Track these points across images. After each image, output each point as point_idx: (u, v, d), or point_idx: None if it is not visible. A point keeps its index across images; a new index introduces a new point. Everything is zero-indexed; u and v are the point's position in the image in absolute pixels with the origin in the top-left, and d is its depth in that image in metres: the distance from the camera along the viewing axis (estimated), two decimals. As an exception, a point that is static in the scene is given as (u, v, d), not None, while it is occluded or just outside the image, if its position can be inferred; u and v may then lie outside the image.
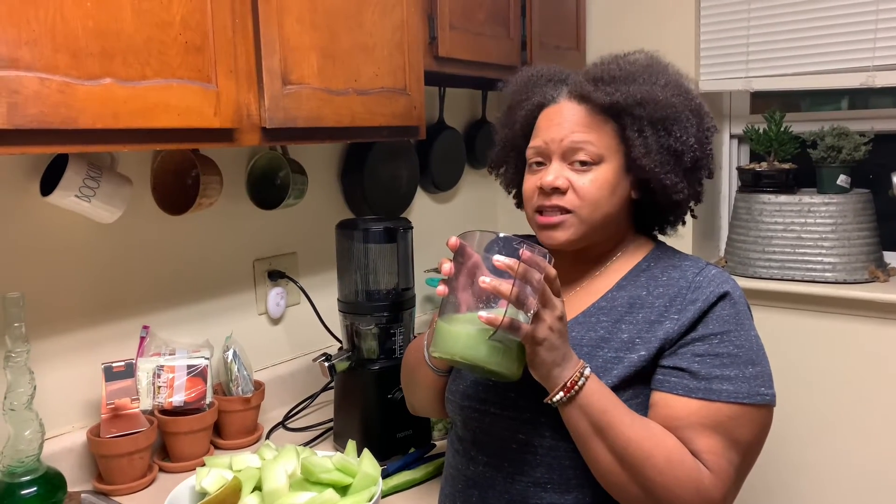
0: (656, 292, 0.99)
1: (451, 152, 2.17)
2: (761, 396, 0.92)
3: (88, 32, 0.96)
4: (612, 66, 1.02)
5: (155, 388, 1.38)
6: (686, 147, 0.99)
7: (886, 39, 1.84)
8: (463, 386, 1.05)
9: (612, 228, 1.04)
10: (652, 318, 0.97)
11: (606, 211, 1.00)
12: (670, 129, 0.99)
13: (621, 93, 0.98)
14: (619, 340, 0.97)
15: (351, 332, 1.43)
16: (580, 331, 1.00)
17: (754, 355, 0.94)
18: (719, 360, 0.93)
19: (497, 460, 1.00)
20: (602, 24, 2.20)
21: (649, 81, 1.00)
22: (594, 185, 0.99)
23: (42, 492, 1.14)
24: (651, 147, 0.98)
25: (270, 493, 1.07)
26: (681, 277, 0.99)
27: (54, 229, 1.32)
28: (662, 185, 1.00)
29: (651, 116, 0.98)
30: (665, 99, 0.98)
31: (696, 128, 1.01)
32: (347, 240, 1.42)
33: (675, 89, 1.01)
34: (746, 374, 0.92)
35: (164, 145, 1.12)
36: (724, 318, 0.94)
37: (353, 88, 1.36)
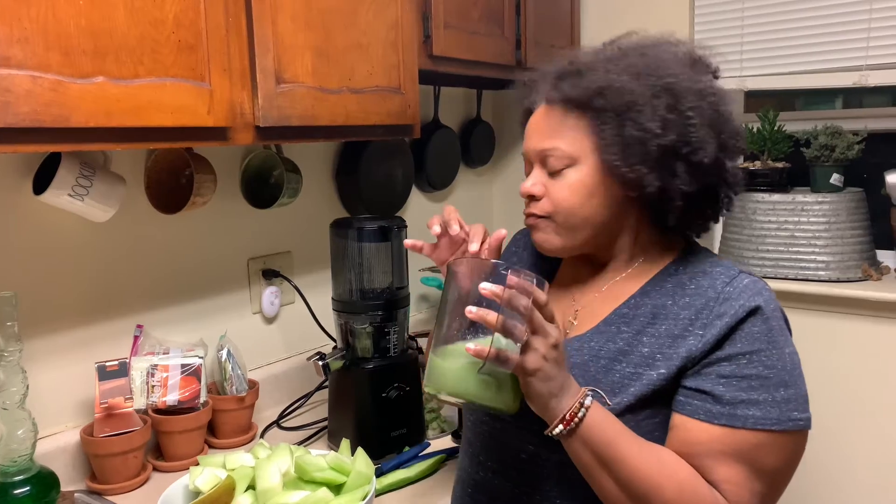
0: (682, 302, 0.91)
1: (446, 151, 2.17)
2: (793, 422, 0.84)
3: (81, 31, 0.96)
4: (570, 61, 0.96)
5: (149, 387, 1.38)
6: (648, 133, 0.88)
7: (879, 39, 1.85)
8: None
9: (614, 230, 0.96)
10: (675, 332, 0.89)
11: (586, 214, 0.93)
12: (628, 115, 0.89)
13: (577, 87, 0.92)
14: (639, 355, 0.90)
15: (345, 331, 1.43)
16: (599, 341, 0.94)
17: (787, 376, 0.85)
18: (747, 382, 0.84)
19: (505, 469, 0.97)
20: (596, 22, 2.20)
21: (604, 69, 0.92)
22: (566, 189, 0.93)
23: (35, 491, 1.14)
24: (608, 139, 0.90)
25: (264, 492, 1.07)
26: (709, 287, 0.90)
27: (47, 228, 1.31)
28: (627, 180, 0.90)
29: (611, 105, 0.90)
30: (622, 84, 0.89)
31: (667, 110, 0.88)
32: (341, 239, 1.42)
33: (636, 71, 0.91)
34: (777, 398, 0.84)
35: (157, 144, 1.11)
36: (755, 336, 0.86)
37: (347, 87, 1.35)
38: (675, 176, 0.89)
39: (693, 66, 0.94)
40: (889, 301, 1.79)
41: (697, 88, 0.90)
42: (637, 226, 0.97)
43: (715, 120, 0.90)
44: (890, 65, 1.84)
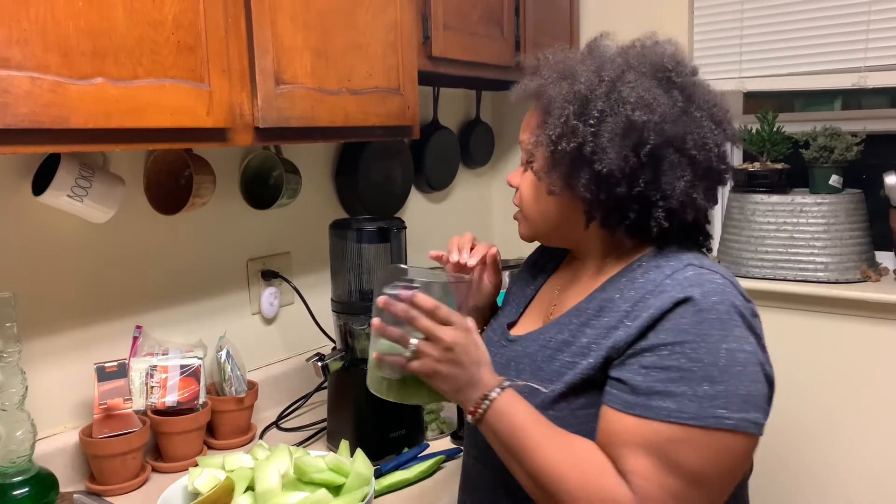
0: (627, 295, 0.90)
1: (445, 152, 2.17)
2: (716, 420, 0.79)
3: (80, 32, 0.96)
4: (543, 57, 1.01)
5: (148, 388, 1.38)
6: (548, 139, 0.92)
7: (878, 41, 1.85)
8: None
9: (572, 227, 0.98)
10: (612, 324, 0.89)
11: (542, 209, 0.99)
12: (546, 119, 0.94)
13: (526, 86, 0.99)
14: (578, 345, 0.92)
15: (344, 332, 1.43)
16: (551, 332, 0.98)
17: (717, 371, 0.80)
18: (665, 373, 0.82)
19: (484, 456, 1.00)
20: (596, 23, 2.20)
21: (548, 70, 0.97)
22: (525, 183, 1.01)
23: (34, 492, 1.14)
24: (539, 141, 0.96)
25: (263, 494, 1.07)
26: (652, 280, 0.89)
27: (46, 229, 1.31)
28: (540, 178, 0.97)
29: (541, 108, 0.96)
30: (545, 88, 0.95)
31: (575, 117, 0.90)
32: (341, 239, 1.42)
33: (561, 75, 0.94)
34: (699, 393, 0.80)
35: (156, 145, 1.11)
36: (681, 327, 0.83)
37: (346, 88, 1.36)
38: (578, 180, 0.91)
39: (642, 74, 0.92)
40: (888, 302, 1.80)
41: (613, 98, 0.90)
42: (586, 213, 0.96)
43: (625, 129, 0.88)
44: (889, 66, 1.84)
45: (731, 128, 0.96)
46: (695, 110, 0.92)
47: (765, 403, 0.84)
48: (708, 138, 0.91)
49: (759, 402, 0.83)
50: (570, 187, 0.92)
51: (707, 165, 0.91)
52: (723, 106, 0.96)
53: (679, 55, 0.96)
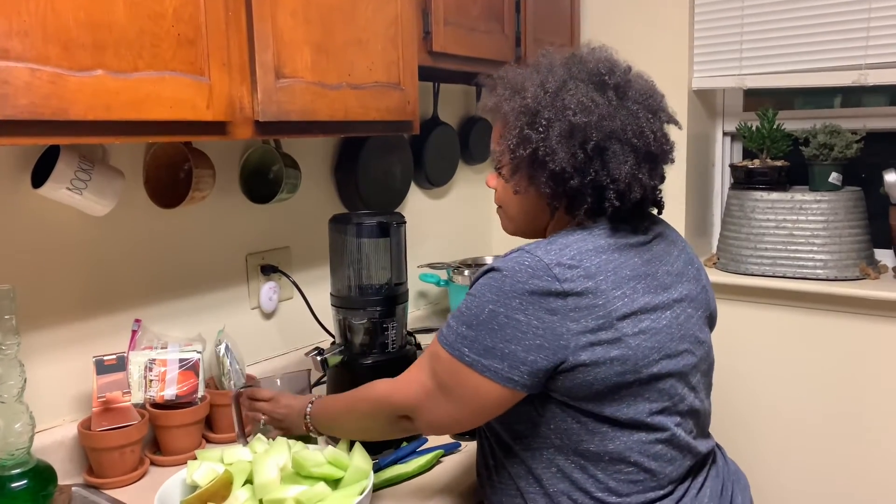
0: None
1: (445, 148, 2.17)
2: (457, 351, 1.00)
3: (80, 24, 0.95)
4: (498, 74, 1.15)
5: (147, 381, 1.38)
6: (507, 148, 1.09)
7: (878, 38, 1.85)
8: None
9: (545, 216, 1.13)
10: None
11: (518, 208, 1.14)
12: (504, 132, 1.10)
13: (484, 102, 1.15)
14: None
15: (343, 327, 1.43)
16: None
17: (473, 319, 1.00)
18: (456, 312, 1.04)
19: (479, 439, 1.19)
20: (596, 20, 2.20)
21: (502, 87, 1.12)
22: (499, 186, 1.17)
23: (32, 485, 1.14)
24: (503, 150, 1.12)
25: (261, 487, 1.07)
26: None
27: (45, 222, 1.31)
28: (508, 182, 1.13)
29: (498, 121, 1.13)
30: (500, 104, 1.10)
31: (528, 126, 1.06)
32: (340, 234, 1.42)
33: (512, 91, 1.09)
34: (452, 325, 1.02)
35: (156, 138, 1.11)
36: (477, 284, 1.03)
37: (346, 83, 1.35)
38: (538, 180, 1.06)
39: (580, 81, 1.06)
40: (886, 300, 1.80)
41: (557, 106, 1.04)
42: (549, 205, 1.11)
43: (570, 131, 1.02)
44: (888, 64, 1.84)
45: (666, 113, 1.10)
46: (631, 104, 1.05)
47: (522, 366, 0.97)
48: (644, 126, 1.04)
49: (507, 358, 0.98)
50: (532, 185, 1.08)
51: (647, 150, 1.04)
52: (657, 96, 1.10)
53: (611, 59, 1.10)
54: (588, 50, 1.13)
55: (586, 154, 1.02)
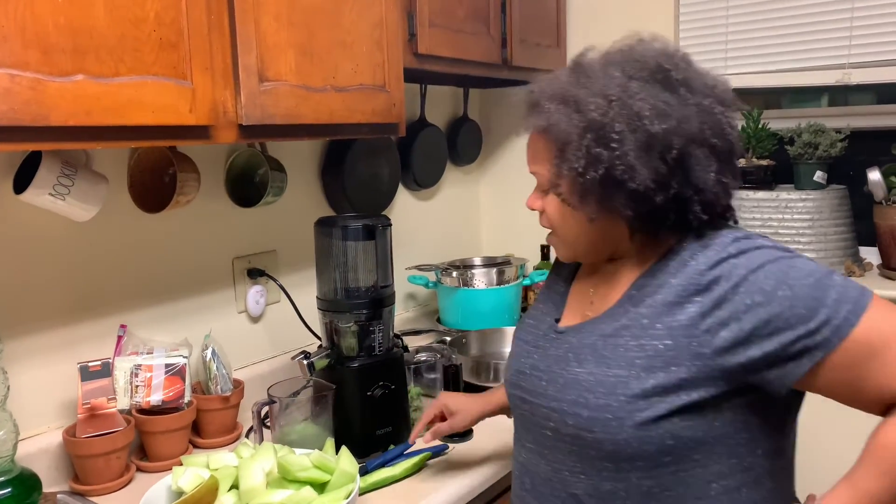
0: (681, 275, 0.93)
1: (432, 150, 2.17)
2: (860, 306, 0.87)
3: (60, 29, 0.95)
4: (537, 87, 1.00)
5: (132, 387, 1.37)
6: (574, 172, 0.93)
7: (861, 37, 1.86)
8: (509, 374, 1.10)
9: (610, 237, 0.99)
10: (669, 300, 0.92)
11: (576, 232, 1.00)
12: (564, 155, 0.94)
13: (530, 122, 0.99)
14: (638, 326, 0.93)
15: (330, 330, 1.43)
16: (607, 322, 0.97)
17: (824, 274, 0.88)
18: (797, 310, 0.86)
19: (539, 447, 1.02)
20: (582, 21, 2.20)
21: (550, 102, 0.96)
22: (552, 209, 1.01)
23: (16, 493, 1.13)
24: (556, 172, 0.97)
25: (247, 492, 1.07)
26: (708, 258, 0.92)
27: (28, 228, 1.30)
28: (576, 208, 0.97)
29: (553, 142, 0.95)
30: (557, 122, 0.94)
31: (595, 144, 0.91)
32: (326, 237, 1.42)
33: (571, 107, 0.94)
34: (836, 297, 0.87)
35: (139, 143, 1.11)
36: (763, 287, 0.87)
37: (331, 85, 1.35)
38: (615, 203, 0.93)
39: (644, 81, 0.92)
40: (872, 298, 1.81)
41: (627, 115, 0.90)
42: (630, 227, 0.98)
43: (649, 143, 0.89)
44: (872, 63, 1.86)
45: (736, 101, 0.97)
46: (702, 98, 0.93)
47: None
48: (722, 122, 0.93)
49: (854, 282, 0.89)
50: (608, 210, 0.94)
51: (729, 150, 0.94)
52: (722, 82, 0.97)
53: (668, 49, 0.96)
54: (636, 43, 0.98)
55: (668, 165, 0.90)
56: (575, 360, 0.98)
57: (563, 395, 0.96)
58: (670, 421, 0.89)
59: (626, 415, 0.90)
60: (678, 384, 0.89)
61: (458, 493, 1.28)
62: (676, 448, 0.90)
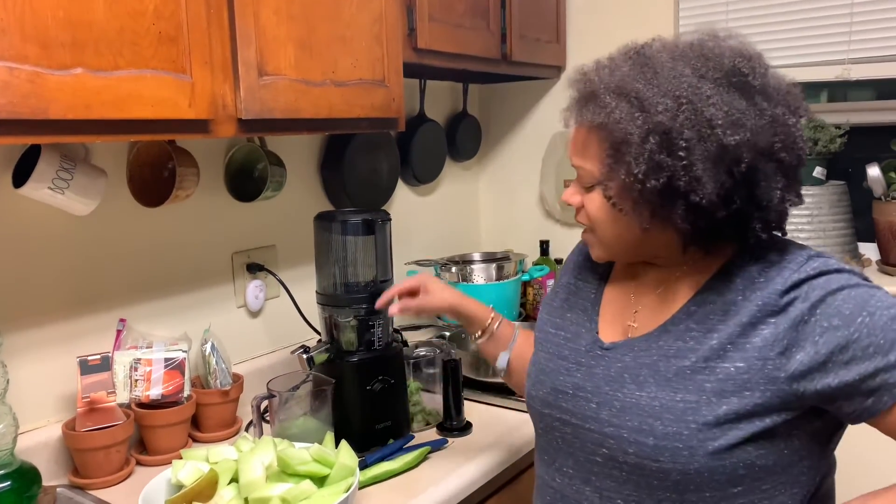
0: (752, 296, 0.87)
1: (432, 145, 2.17)
2: None
3: (59, 22, 0.95)
4: (591, 76, 0.91)
5: (132, 381, 1.37)
6: (633, 178, 0.85)
7: (861, 33, 1.86)
8: (543, 392, 1.01)
9: (654, 241, 0.92)
10: (744, 322, 0.86)
11: (617, 232, 0.92)
12: (622, 157, 0.86)
13: (585, 116, 0.90)
14: (708, 348, 0.87)
15: (330, 325, 1.43)
16: (667, 339, 0.91)
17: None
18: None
19: (583, 473, 0.95)
20: (582, 16, 2.20)
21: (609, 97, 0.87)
22: (594, 206, 0.93)
23: (16, 486, 1.13)
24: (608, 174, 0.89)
25: (247, 485, 1.07)
26: (778, 276, 0.87)
27: (28, 222, 1.30)
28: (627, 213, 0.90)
29: (610, 141, 0.87)
30: (618, 120, 0.85)
31: (659, 150, 0.83)
32: (325, 232, 1.42)
33: (635, 105, 0.85)
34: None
35: (138, 137, 1.11)
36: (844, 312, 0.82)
37: (330, 80, 1.35)
38: (673, 214, 0.86)
39: (718, 84, 0.84)
40: (870, 293, 1.81)
41: (699, 122, 0.82)
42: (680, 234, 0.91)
43: (719, 154, 0.82)
44: (872, 58, 1.86)
45: (806, 108, 0.90)
46: (776, 109, 0.85)
47: None
48: (794, 135, 0.86)
49: None
50: (662, 220, 0.87)
51: (795, 164, 0.88)
52: (792, 86, 0.90)
53: (746, 50, 0.88)
54: (708, 38, 0.89)
55: (734, 179, 0.83)
56: (632, 382, 0.90)
57: (621, 421, 0.89)
58: (744, 449, 0.84)
59: (699, 444, 0.84)
60: (752, 410, 0.83)
61: (457, 487, 1.28)
62: (747, 478, 0.85)
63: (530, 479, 1.47)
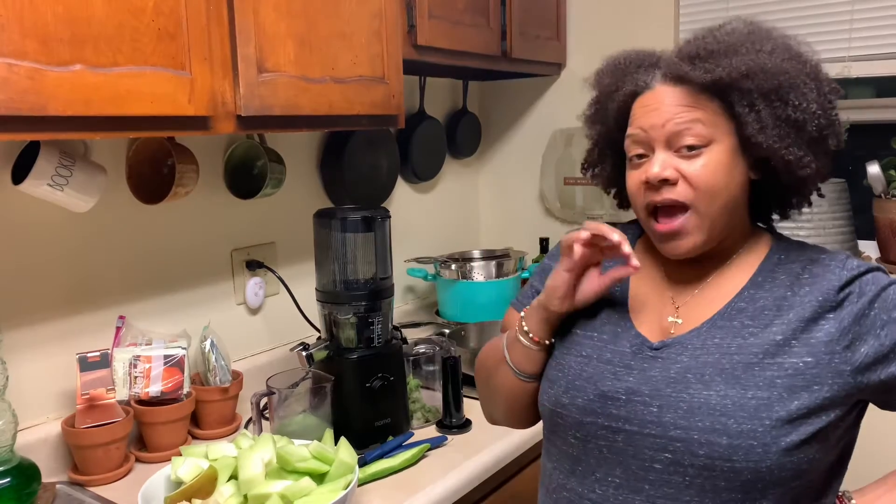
0: (802, 291, 0.89)
1: (431, 142, 2.16)
2: None
3: (58, 18, 0.95)
4: (708, 41, 0.92)
5: (131, 378, 1.37)
6: (808, 115, 0.88)
7: (861, 31, 1.86)
8: (583, 400, 0.93)
9: (734, 219, 0.93)
10: (806, 316, 0.87)
11: (725, 199, 0.90)
12: (786, 98, 0.87)
13: (723, 67, 0.87)
14: (772, 344, 0.87)
15: (329, 322, 1.43)
16: (724, 337, 0.90)
17: None
18: None
19: (634, 482, 0.89)
20: (582, 13, 2.20)
21: (753, 49, 0.89)
22: (707, 169, 0.88)
23: (16, 483, 1.13)
24: (766, 121, 0.88)
25: (246, 482, 1.07)
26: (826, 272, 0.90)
27: (27, 218, 1.30)
28: (786, 162, 0.89)
29: (761, 88, 0.87)
30: (775, 66, 0.87)
31: (817, 92, 0.89)
32: (325, 229, 1.42)
33: (784, 53, 0.89)
34: None
35: (137, 133, 1.11)
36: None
37: (330, 76, 1.35)
38: (821, 159, 0.91)
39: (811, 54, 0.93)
40: (870, 291, 1.81)
41: (825, 75, 0.91)
42: (744, 214, 0.96)
43: (835, 108, 0.91)
44: (872, 56, 1.86)
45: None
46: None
47: None
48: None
49: None
50: (815, 163, 0.90)
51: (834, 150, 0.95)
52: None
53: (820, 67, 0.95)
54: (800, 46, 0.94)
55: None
56: (698, 382, 0.87)
57: (689, 423, 0.85)
58: (811, 445, 0.84)
59: (773, 440, 0.82)
60: (821, 404, 0.84)
61: (456, 484, 1.28)
62: (808, 472, 0.85)
63: (530, 476, 1.47)
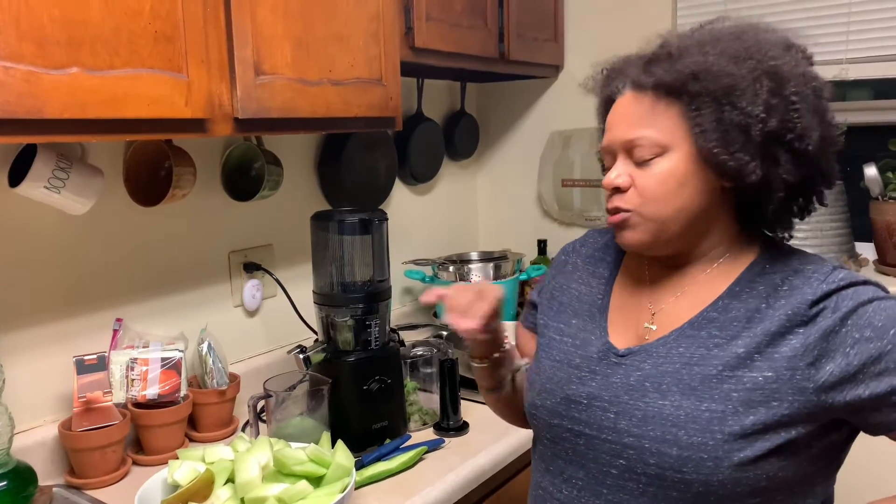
0: (777, 304, 0.86)
1: (429, 144, 2.16)
2: None
3: (54, 21, 0.95)
4: (670, 43, 0.92)
5: (128, 380, 1.37)
6: (752, 119, 0.83)
7: (858, 33, 1.86)
8: (551, 402, 0.95)
9: (703, 224, 0.90)
10: (772, 330, 0.84)
11: (678, 205, 0.88)
12: (729, 100, 0.84)
13: (668, 71, 0.87)
14: (733, 356, 0.85)
15: (326, 324, 1.43)
16: (689, 346, 0.88)
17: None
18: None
19: (594, 485, 0.91)
20: (580, 15, 2.20)
21: (701, 51, 0.87)
22: (655, 179, 0.88)
23: (12, 486, 1.13)
24: (707, 125, 0.85)
25: (243, 485, 1.07)
26: (804, 285, 0.86)
27: (24, 221, 1.30)
28: (727, 168, 0.85)
29: (708, 90, 0.85)
30: (720, 68, 0.85)
31: (770, 94, 0.83)
32: (322, 231, 1.42)
33: (734, 54, 0.86)
34: None
35: (134, 136, 1.10)
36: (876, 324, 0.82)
37: (327, 79, 1.35)
38: (779, 165, 0.85)
39: (788, 52, 0.88)
40: (867, 293, 1.81)
41: (800, 72, 0.86)
42: (726, 220, 0.92)
43: (818, 107, 0.86)
44: (869, 58, 1.86)
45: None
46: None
47: None
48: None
49: None
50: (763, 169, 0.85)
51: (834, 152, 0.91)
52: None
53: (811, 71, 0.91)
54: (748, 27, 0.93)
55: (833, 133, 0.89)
56: (655, 391, 0.87)
57: (642, 431, 0.86)
58: (768, 461, 0.81)
59: (724, 455, 0.81)
60: (779, 421, 0.81)
61: (453, 487, 1.28)
62: (767, 489, 0.83)
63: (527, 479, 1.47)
